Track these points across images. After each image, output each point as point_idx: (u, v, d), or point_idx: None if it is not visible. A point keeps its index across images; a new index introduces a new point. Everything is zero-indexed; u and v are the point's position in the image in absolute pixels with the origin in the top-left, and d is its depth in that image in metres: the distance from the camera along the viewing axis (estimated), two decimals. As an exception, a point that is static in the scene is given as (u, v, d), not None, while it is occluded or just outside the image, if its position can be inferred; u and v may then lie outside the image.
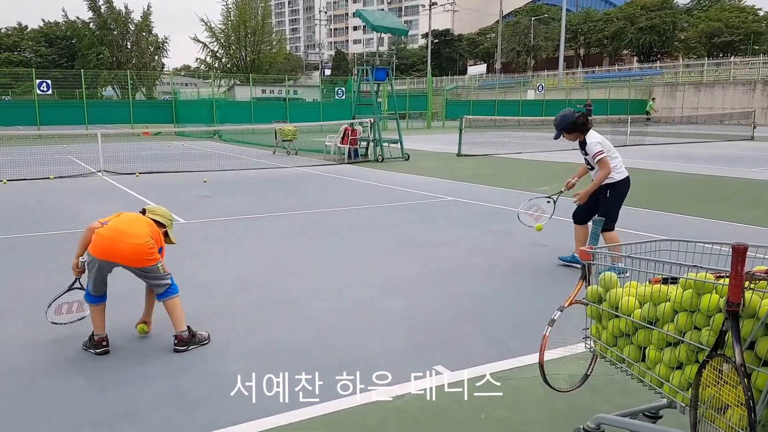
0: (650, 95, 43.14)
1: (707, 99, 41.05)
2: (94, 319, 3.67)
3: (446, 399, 2.94)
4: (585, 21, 66.49)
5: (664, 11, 60.50)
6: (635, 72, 53.32)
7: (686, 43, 59.71)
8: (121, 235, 3.60)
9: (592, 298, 2.42)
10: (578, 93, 46.44)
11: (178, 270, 5.23)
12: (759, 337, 1.85)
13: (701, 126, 34.80)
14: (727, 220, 7.70)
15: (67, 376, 3.33)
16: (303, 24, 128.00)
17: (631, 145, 20.27)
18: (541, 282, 5.02)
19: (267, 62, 50.77)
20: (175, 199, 9.53)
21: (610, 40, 64.19)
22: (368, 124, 16.28)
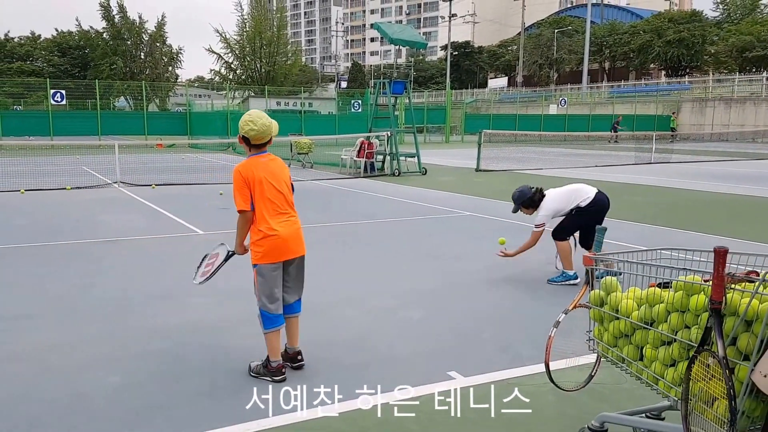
0: (678, 110, 41.82)
1: (738, 116, 39.59)
2: (275, 344, 3.38)
3: (460, 402, 3.06)
4: (610, 34, 65.33)
5: (692, 24, 59.11)
6: (663, 87, 52.07)
7: (716, 57, 58.20)
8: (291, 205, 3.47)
9: (595, 302, 2.58)
10: (603, 108, 45.32)
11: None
12: (740, 333, 1.99)
13: (732, 144, 34.07)
14: (748, 239, 7.42)
15: (102, 373, 3.50)
16: (319, 35, 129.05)
17: (656, 162, 20.15)
18: (555, 294, 5.12)
19: (282, 74, 50.65)
20: (192, 211, 9.69)
21: (636, 54, 62.84)
22: (385, 137, 16.02)
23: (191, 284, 5.21)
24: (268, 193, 3.31)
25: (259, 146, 3.37)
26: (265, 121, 3.32)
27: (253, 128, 3.29)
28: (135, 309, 4.64)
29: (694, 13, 64.02)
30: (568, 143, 33.22)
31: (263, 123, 3.30)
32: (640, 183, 14.09)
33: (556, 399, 3.00)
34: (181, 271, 5.79)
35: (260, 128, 3.29)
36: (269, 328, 3.38)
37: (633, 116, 40.23)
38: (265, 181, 3.31)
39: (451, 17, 56.49)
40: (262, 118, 3.31)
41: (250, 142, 3.34)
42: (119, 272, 5.78)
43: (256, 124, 3.29)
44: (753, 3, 64.24)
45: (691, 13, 64.88)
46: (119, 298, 4.91)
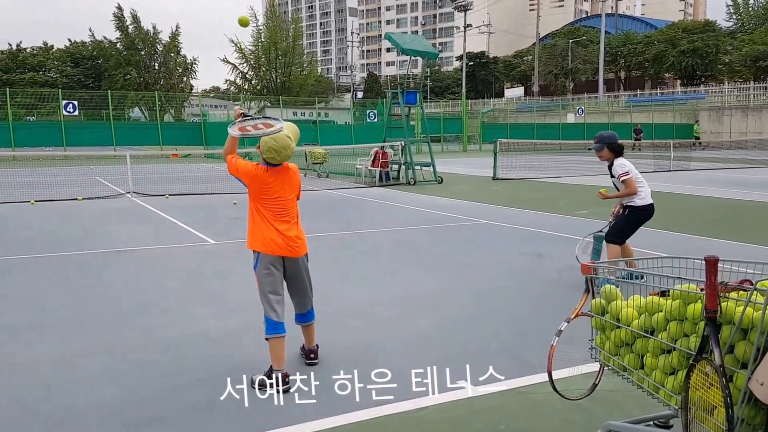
0: (695, 119, 41.43)
1: (756, 123, 39.09)
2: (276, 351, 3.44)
3: (467, 410, 3.07)
4: (625, 44, 64.97)
5: (706, 34, 58.69)
6: (678, 96, 51.60)
7: (731, 66, 57.59)
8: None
9: (596, 310, 2.58)
10: (620, 116, 45.01)
11: (208, 290, 5.57)
12: (737, 341, 2.01)
13: (750, 151, 33.60)
14: (761, 244, 7.43)
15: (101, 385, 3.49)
16: (335, 45, 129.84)
17: (676, 170, 20.09)
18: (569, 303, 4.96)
19: (298, 84, 50.58)
20: (204, 221, 9.66)
21: (651, 63, 62.41)
22: (399, 147, 16.06)
23: (196, 295, 5.38)
24: (268, 199, 3.47)
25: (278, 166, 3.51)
26: (289, 151, 3.43)
27: (276, 158, 3.43)
28: (139, 320, 4.62)
29: (708, 23, 63.53)
30: (588, 151, 32.82)
31: (287, 154, 3.43)
32: (661, 190, 13.96)
33: (564, 407, 2.97)
34: (188, 281, 5.85)
35: (283, 158, 3.45)
36: (268, 333, 3.43)
37: (651, 125, 39.88)
38: (271, 193, 3.46)
39: (466, 28, 56.53)
40: (287, 149, 3.40)
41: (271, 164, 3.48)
42: (126, 283, 5.79)
43: (279, 155, 3.41)
44: (766, 13, 63.58)
45: (704, 23, 64.37)
46: (124, 309, 4.91)
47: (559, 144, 34.02)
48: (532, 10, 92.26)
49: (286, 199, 3.51)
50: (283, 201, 3.50)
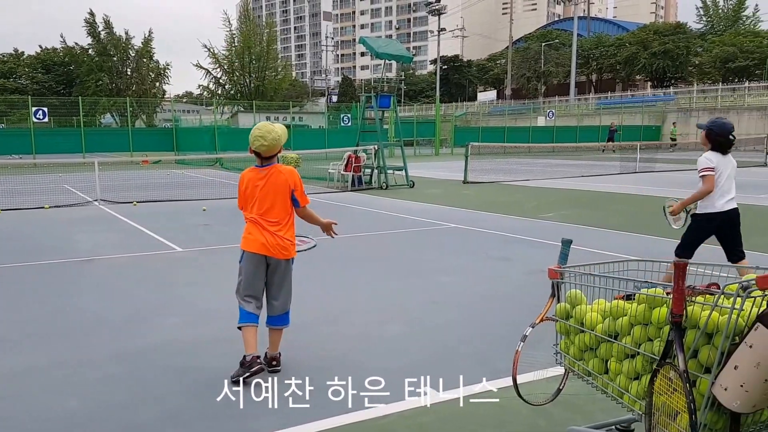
0: (664, 121, 42.34)
1: (722, 124, 40.04)
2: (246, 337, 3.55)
3: (434, 417, 3.08)
4: (597, 46, 66.23)
5: (677, 36, 60.11)
6: (648, 98, 52.70)
7: (700, 68, 59.17)
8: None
9: (561, 315, 2.57)
10: (590, 119, 45.83)
11: (176, 298, 5.48)
12: (701, 346, 1.99)
13: (717, 152, 34.10)
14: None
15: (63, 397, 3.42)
16: (309, 50, 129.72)
17: (641, 171, 20.42)
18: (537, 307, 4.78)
19: (272, 89, 50.65)
20: (173, 228, 9.47)
21: (622, 66, 63.72)
22: (372, 151, 16.04)
23: (165, 304, 5.30)
24: (258, 206, 3.53)
25: (269, 158, 3.51)
26: (275, 135, 3.43)
27: (263, 144, 3.41)
28: (105, 330, 4.54)
29: (679, 25, 65.11)
30: (557, 154, 33.51)
31: (273, 138, 3.41)
32: (626, 192, 14.20)
33: (529, 412, 2.96)
34: (154, 290, 5.74)
35: (270, 143, 3.41)
36: (240, 321, 3.54)
37: (620, 127, 40.72)
38: (257, 197, 3.52)
39: (440, 32, 56.94)
40: (272, 132, 3.42)
41: (260, 154, 3.48)
42: (92, 293, 5.67)
43: (266, 140, 3.40)
44: (735, 15, 65.51)
45: (675, 25, 65.96)
46: (90, 320, 4.81)
47: (529, 147, 34.50)
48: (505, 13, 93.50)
49: (275, 200, 3.52)
50: (271, 202, 3.52)
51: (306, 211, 3.69)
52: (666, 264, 2.44)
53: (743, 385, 1.80)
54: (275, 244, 3.52)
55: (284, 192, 3.54)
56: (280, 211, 3.55)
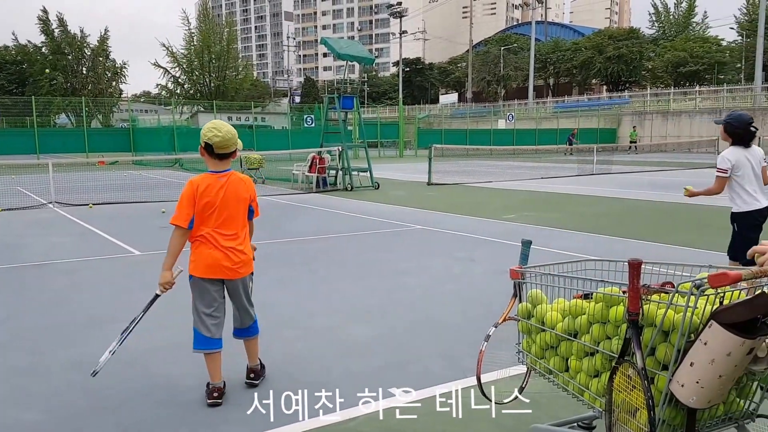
0: (619, 124, 43.67)
1: (675, 127, 41.73)
2: (209, 366, 3.33)
3: (401, 418, 3.08)
4: (554, 51, 67.76)
5: (630, 41, 62.09)
6: (604, 101, 54.25)
7: (653, 72, 61.31)
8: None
9: (523, 314, 2.61)
10: (548, 122, 46.91)
11: (134, 303, 5.27)
12: (658, 343, 2.04)
13: (669, 154, 35.88)
14: (678, 245, 7.77)
15: (18, 409, 3.28)
16: (270, 50, 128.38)
17: (598, 173, 20.95)
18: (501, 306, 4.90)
19: (233, 88, 50.09)
20: (130, 231, 9.28)
21: (579, 70, 65.44)
22: (336, 152, 16.02)
23: (122, 309, 5.12)
24: (215, 218, 3.20)
25: (222, 157, 3.21)
26: (230, 129, 3.21)
27: (218, 134, 3.15)
28: (60, 338, 4.40)
29: (632, 30, 67.28)
30: (517, 157, 34.17)
31: (228, 130, 3.18)
32: (584, 193, 14.57)
33: (494, 410, 3.00)
34: (112, 295, 5.60)
35: (225, 134, 3.16)
36: (197, 348, 3.26)
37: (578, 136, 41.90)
38: (217, 206, 3.19)
39: (402, 34, 57.27)
40: (226, 126, 3.22)
41: (214, 150, 3.17)
42: (46, 298, 5.48)
43: (221, 131, 3.16)
44: (686, 21, 68.10)
45: (629, 30, 68.14)
46: (44, 327, 4.65)
47: (490, 149, 35.11)
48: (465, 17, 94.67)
49: (236, 211, 3.25)
50: (230, 213, 3.22)
51: (252, 225, 3.45)
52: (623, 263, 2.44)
53: (699, 382, 1.84)
54: (236, 262, 3.23)
55: (245, 202, 3.28)
56: (238, 223, 3.27)
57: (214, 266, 3.20)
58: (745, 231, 4.55)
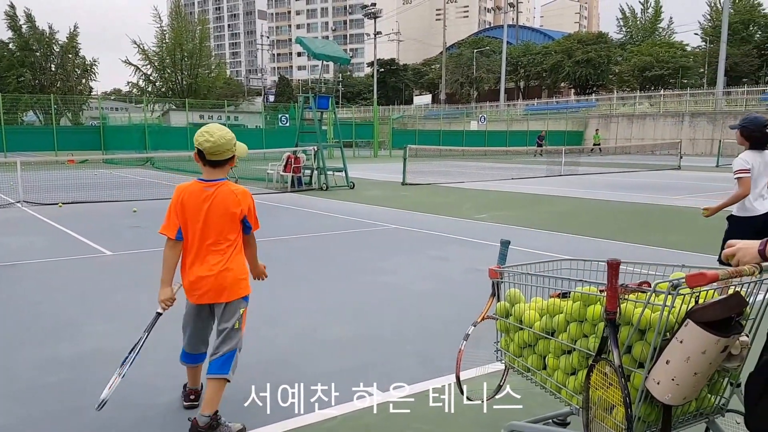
0: (586, 127, 44.57)
1: (639, 130, 42.83)
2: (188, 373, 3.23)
3: (377, 417, 3.09)
4: (525, 54, 68.74)
5: (599, 45, 63.43)
6: (572, 104, 55.30)
7: (620, 76, 62.70)
8: None
9: (501, 313, 2.64)
10: (518, 124, 47.63)
11: (107, 304, 5.22)
12: (634, 341, 2.06)
13: (634, 156, 36.87)
14: (647, 244, 7.98)
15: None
16: (244, 48, 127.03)
17: (566, 174, 21.37)
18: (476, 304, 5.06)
19: (205, 87, 49.67)
20: (101, 230, 9.13)
21: (548, 73, 66.55)
22: (312, 152, 15.98)
23: (94, 311, 5.07)
24: (199, 233, 2.88)
25: (215, 164, 2.88)
26: (225, 134, 2.87)
27: (209, 139, 2.82)
28: (32, 339, 4.29)
29: (601, 35, 68.72)
30: (488, 158, 34.60)
31: (221, 135, 2.85)
32: (553, 194, 14.83)
33: (470, 408, 3.04)
34: (83, 295, 5.50)
35: (217, 140, 2.82)
36: (182, 360, 3.18)
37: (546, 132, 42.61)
38: (200, 219, 2.87)
39: (377, 35, 57.34)
40: (221, 130, 2.87)
41: (205, 157, 2.86)
42: (15, 300, 5.34)
43: (212, 136, 2.83)
44: (652, 26, 69.90)
45: (597, 35, 69.57)
46: (15, 328, 4.54)
47: (463, 150, 35.48)
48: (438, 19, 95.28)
49: (222, 227, 2.89)
50: (218, 229, 2.89)
51: (252, 240, 3.09)
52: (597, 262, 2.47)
53: (674, 379, 1.88)
54: (219, 285, 2.89)
55: (233, 217, 2.91)
56: (221, 239, 2.90)
57: (198, 289, 2.92)
58: (735, 235, 4.50)
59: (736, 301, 1.86)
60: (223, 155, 2.88)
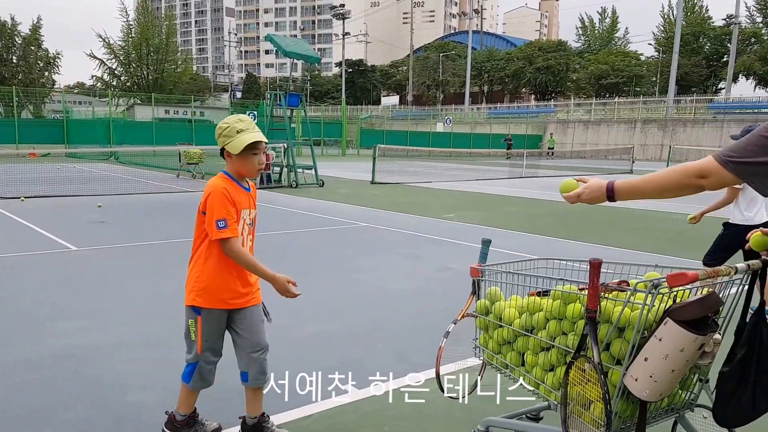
0: (545, 131, 45.71)
1: (594, 135, 44.16)
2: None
3: (353, 415, 3.10)
4: (488, 60, 69.82)
5: (558, 53, 65.01)
6: (532, 109, 56.57)
7: (577, 83, 64.49)
8: None
9: (481, 311, 2.66)
10: (482, 127, 48.50)
11: (75, 300, 5.16)
12: (613, 339, 2.10)
13: (589, 160, 37.91)
14: (605, 244, 8.28)
15: None
16: (211, 44, 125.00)
17: (527, 177, 21.91)
18: (448, 302, 5.15)
19: (171, 82, 48.94)
20: (66, 225, 8.98)
21: (510, 79, 67.82)
22: (281, 149, 15.97)
23: (62, 307, 4.96)
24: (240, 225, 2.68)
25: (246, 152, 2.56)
26: (222, 123, 2.63)
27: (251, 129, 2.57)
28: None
29: (560, 43, 70.54)
30: (453, 159, 35.07)
31: (219, 125, 2.61)
32: (516, 195, 15.19)
33: (446, 404, 3.06)
34: (49, 292, 5.36)
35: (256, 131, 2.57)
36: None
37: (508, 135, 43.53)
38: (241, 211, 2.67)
39: (345, 35, 57.30)
40: (226, 121, 2.63)
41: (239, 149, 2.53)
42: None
43: (242, 119, 2.59)
44: (609, 35, 72.13)
45: (557, 42, 71.37)
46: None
47: (429, 151, 35.91)
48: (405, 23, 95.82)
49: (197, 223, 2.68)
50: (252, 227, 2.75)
51: (232, 250, 2.59)
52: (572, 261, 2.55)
53: (653, 376, 1.92)
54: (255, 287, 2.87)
55: (198, 214, 2.64)
56: (194, 240, 2.69)
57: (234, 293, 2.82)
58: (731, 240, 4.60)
59: (714, 300, 1.94)
60: (218, 145, 2.65)
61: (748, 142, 1.66)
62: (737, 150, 1.67)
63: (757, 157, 1.63)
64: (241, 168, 2.64)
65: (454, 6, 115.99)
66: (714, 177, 1.69)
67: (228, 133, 2.57)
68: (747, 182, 1.71)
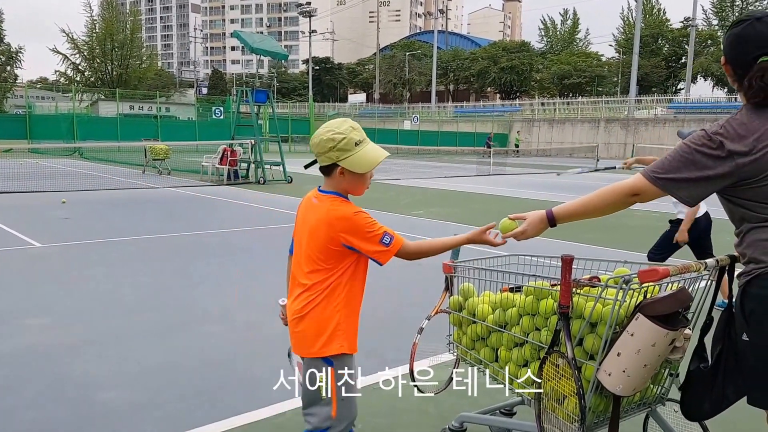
0: (510, 130, 46.38)
1: (559, 134, 45.02)
2: None
3: None
4: (454, 59, 70.41)
5: (522, 53, 66.04)
6: (498, 108, 57.30)
7: (541, 83, 65.69)
8: None
9: (454, 307, 2.67)
10: (449, 125, 48.95)
11: (38, 298, 5.05)
12: (585, 334, 2.11)
13: (554, 158, 38.62)
14: (574, 241, 8.46)
15: None
16: (176, 40, 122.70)
17: (494, 174, 22.22)
18: (422, 297, 5.22)
19: (136, 77, 48.31)
20: (29, 221, 8.88)
21: (476, 78, 68.54)
22: (249, 145, 15.80)
23: (25, 304, 4.85)
24: (296, 251, 2.32)
25: (321, 170, 2.17)
26: (325, 132, 2.11)
27: (354, 129, 2.10)
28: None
29: (524, 43, 71.70)
30: (421, 156, 35.33)
31: (319, 133, 2.11)
32: (483, 192, 15.37)
33: (419, 400, 3.05)
34: (13, 289, 5.24)
35: (313, 138, 2.14)
36: None
37: (474, 134, 43.99)
38: (303, 233, 2.29)
39: (311, 33, 56.93)
40: (326, 127, 2.12)
41: (368, 168, 2.13)
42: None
43: (354, 127, 2.14)
44: (570, 36, 73.68)
45: (520, 43, 72.53)
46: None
47: (397, 148, 36.07)
48: (372, 21, 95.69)
49: (302, 249, 2.27)
50: (299, 249, 2.31)
51: (411, 253, 2.33)
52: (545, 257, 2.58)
53: (626, 371, 1.92)
54: (295, 332, 2.24)
55: (319, 239, 2.18)
56: (302, 268, 2.23)
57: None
58: (669, 234, 5.00)
59: (685, 296, 1.98)
60: (321, 160, 2.12)
61: (672, 158, 1.82)
62: (663, 167, 1.83)
63: (680, 173, 1.79)
64: (359, 187, 2.18)
65: (420, 6, 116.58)
66: (645, 194, 1.87)
67: (345, 146, 2.06)
68: (673, 196, 1.84)
